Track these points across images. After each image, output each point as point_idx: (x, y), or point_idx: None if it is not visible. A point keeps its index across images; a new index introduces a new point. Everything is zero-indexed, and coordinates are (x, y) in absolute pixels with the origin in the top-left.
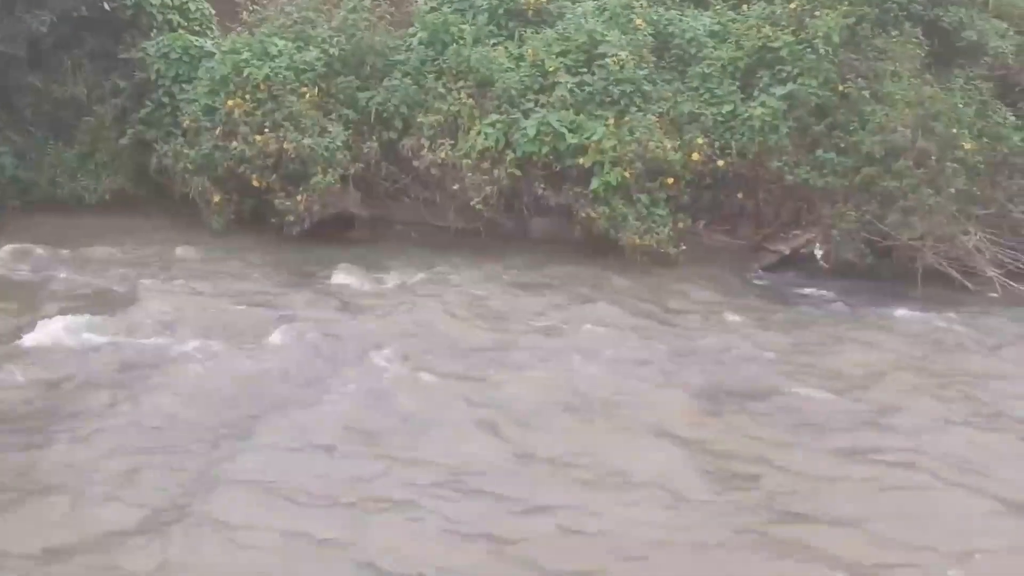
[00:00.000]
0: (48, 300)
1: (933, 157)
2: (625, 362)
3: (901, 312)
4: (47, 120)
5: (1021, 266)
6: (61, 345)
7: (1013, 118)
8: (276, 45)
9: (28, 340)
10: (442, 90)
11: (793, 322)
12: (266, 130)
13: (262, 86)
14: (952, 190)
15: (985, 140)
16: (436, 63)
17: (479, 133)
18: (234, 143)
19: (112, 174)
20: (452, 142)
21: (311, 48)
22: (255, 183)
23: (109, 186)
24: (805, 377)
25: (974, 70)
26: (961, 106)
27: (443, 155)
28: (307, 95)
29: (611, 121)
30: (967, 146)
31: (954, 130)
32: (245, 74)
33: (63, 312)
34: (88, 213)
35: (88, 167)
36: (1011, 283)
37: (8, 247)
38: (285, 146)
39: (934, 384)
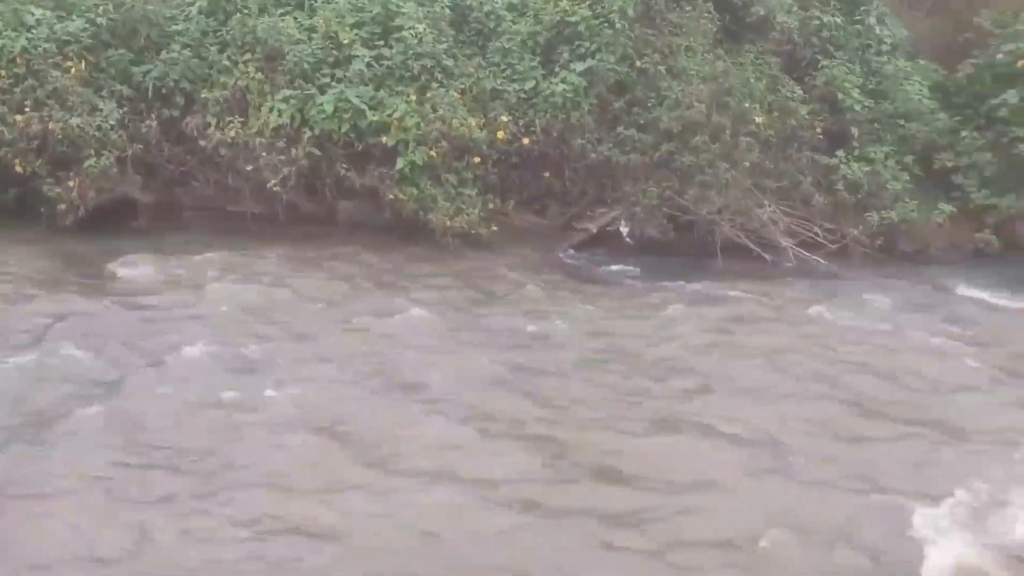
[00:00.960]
0: None
1: (727, 131)
2: (424, 344)
3: (700, 285)
4: None
5: (813, 236)
6: None
7: (800, 92)
8: (33, 14)
9: None
10: (227, 63)
11: (596, 299)
12: (27, 109)
13: (19, 60)
14: (746, 164)
15: (775, 114)
16: (219, 34)
17: (271, 110)
18: None
19: None
20: (242, 119)
21: (74, 17)
22: (19, 169)
23: None
24: (602, 351)
25: (763, 45)
26: (752, 80)
27: (232, 133)
28: (73, 70)
29: (413, 97)
30: (759, 120)
31: (747, 104)
32: None
33: None
34: None
35: None
36: (805, 253)
37: None
38: (51, 126)
39: (724, 355)
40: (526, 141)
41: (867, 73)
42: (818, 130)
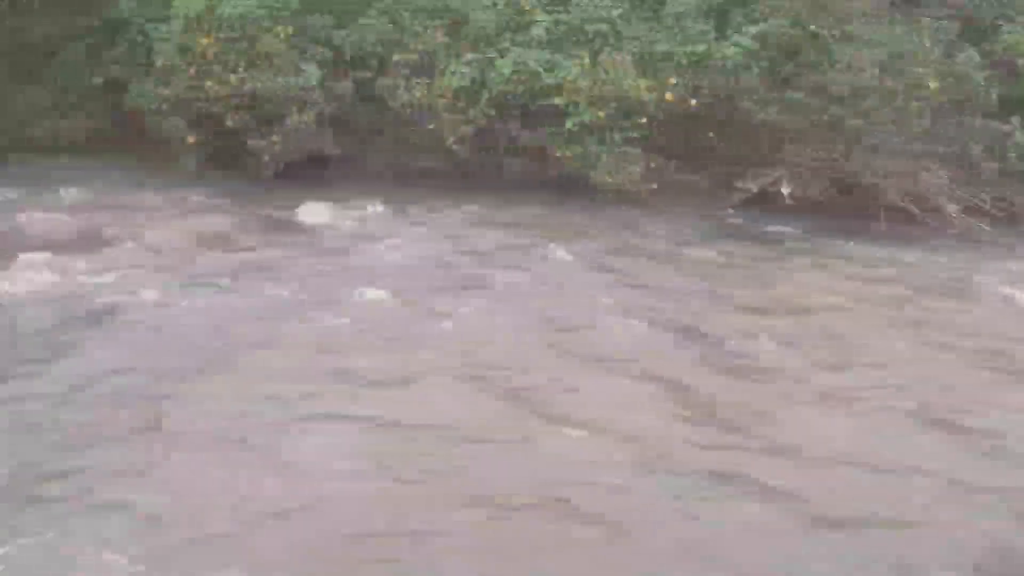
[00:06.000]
0: (12, 245)
1: (899, 96)
2: (585, 295)
3: (861, 248)
4: (16, 62)
5: (980, 203)
6: (25, 290)
7: (978, 58)
8: None
9: None
10: (417, 28)
11: (755, 258)
12: (240, 69)
13: (236, 25)
14: (916, 129)
15: (950, 80)
16: (411, 1)
17: (454, 72)
18: (208, 82)
19: (85, 115)
20: (428, 81)
21: None
22: (229, 123)
23: (80, 127)
24: (762, 310)
25: (940, 10)
26: (928, 45)
27: (418, 95)
28: (281, 34)
29: (586, 60)
30: (932, 85)
31: (919, 70)
32: (218, 13)
33: (27, 256)
34: (60, 155)
35: (60, 108)
36: (970, 219)
37: None
38: (259, 85)
39: (884, 318)
40: (693, 103)
41: None
42: (993, 96)
